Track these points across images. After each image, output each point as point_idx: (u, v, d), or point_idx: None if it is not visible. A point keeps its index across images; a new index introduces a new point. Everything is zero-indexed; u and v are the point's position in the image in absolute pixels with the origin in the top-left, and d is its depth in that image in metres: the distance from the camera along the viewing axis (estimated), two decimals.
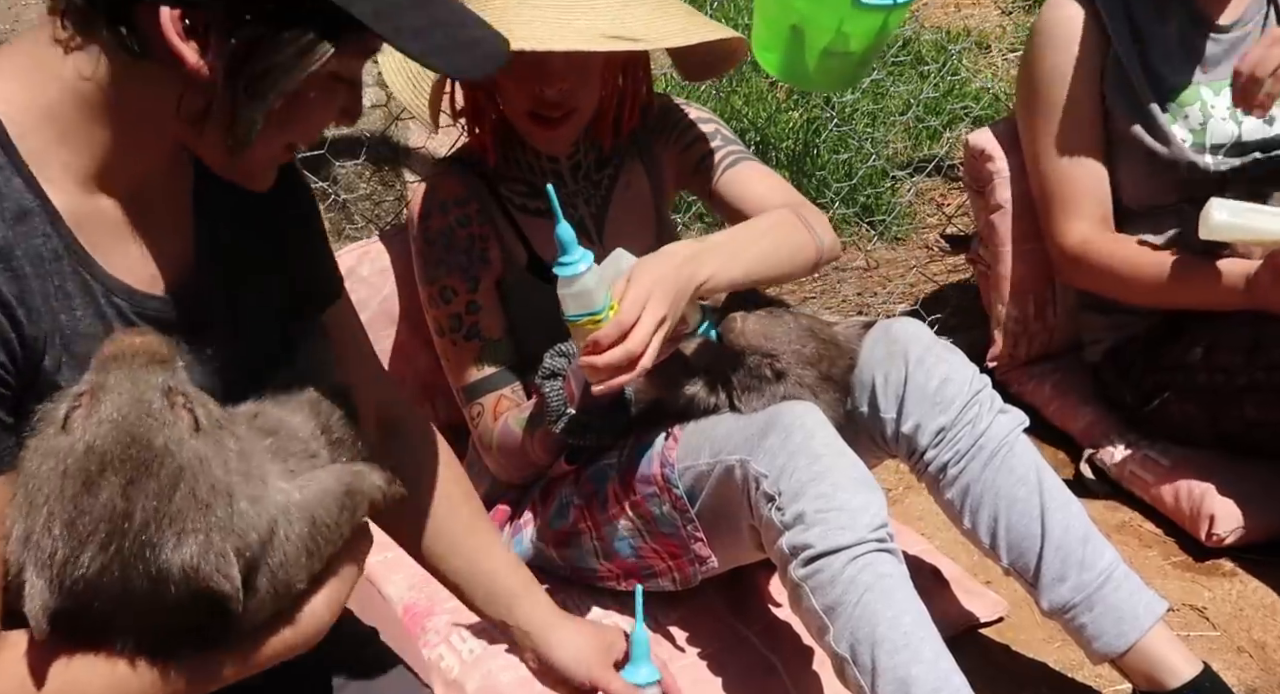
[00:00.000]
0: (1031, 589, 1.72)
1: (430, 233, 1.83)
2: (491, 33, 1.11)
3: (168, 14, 0.96)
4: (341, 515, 1.08)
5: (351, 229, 2.90)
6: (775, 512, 1.56)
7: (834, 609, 1.53)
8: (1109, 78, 2.18)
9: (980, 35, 4.15)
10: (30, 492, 0.94)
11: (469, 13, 1.11)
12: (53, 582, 0.92)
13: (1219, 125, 2.16)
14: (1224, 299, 2.04)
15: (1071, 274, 2.29)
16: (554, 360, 1.73)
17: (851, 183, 3.23)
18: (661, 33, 1.65)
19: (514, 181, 1.88)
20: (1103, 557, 1.69)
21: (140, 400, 0.95)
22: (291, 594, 1.06)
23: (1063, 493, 1.72)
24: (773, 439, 1.59)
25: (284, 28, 0.98)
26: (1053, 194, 2.25)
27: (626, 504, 1.72)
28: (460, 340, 1.83)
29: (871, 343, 1.75)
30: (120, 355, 0.97)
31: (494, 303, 1.85)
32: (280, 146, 1.10)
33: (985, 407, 1.71)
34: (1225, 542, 2.11)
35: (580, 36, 1.58)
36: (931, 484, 1.75)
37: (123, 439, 0.93)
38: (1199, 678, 1.68)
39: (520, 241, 1.87)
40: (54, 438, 0.94)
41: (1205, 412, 2.16)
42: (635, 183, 1.94)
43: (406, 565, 1.93)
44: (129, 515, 0.92)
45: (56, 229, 1.03)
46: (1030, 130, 2.29)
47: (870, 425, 1.75)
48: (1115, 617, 1.68)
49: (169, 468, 0.93)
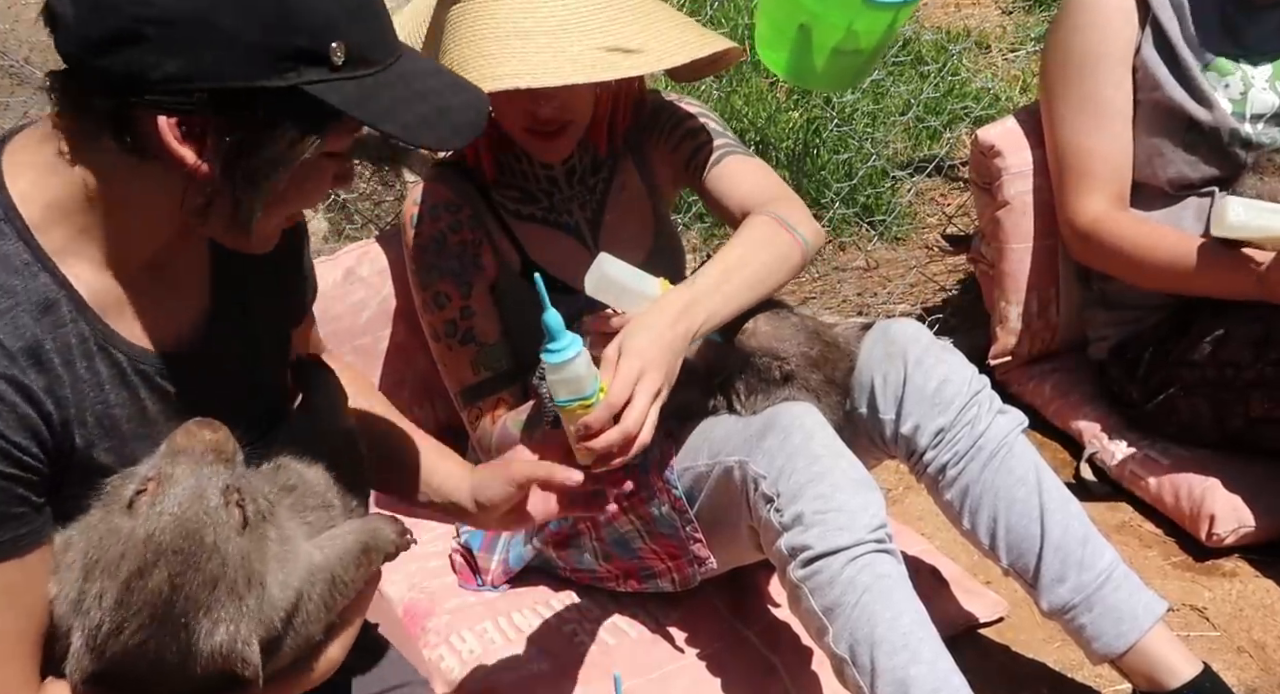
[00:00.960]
0: (1031, 590, 1.72)
1: (422, 239, 1.83)
2: (473, 94, 1.18)
3: (164, 121, 1.04)
4: (359, 572, 1.19)
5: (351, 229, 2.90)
6: (774, 513, 1.56)
7: (833, 610, 1.53)
8: (1145, 49, 2.15)
9: (980, 35, 4.15)
10: (89, 562, 1.06)
11: (448, 75, 1.19)
12: (95, 649, 1.05)
13: (1260, 95, 2.15)
14: (1236, 288, 2.03)
15: (1081, 251, 2.26)
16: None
17: (852, 183, 3.23)
18: (657, 52, 1.61)
19: (507, 187, 1.87)
20: (1102, 557, 1.69)
21: (200, 497, 1.06)
22: (310, 645, 1.17)
23: (1062, 493, 1.72)
24: (771, 440, 1.59)
25: (273, 126, 1.06)
26: (1070, 167, 2.23)
27: (626, 505, 1.72)
28: (455, 345, 1.83)
29: (870, 344, 1.74)
30: (189, 450, 1.08)
31: (488, 307, 1.84)
32: (281, 219, 1.19)
33: (984, 407, 1.71)
34: (1225, 541, 2.11)
35: (575, 65, 1.55)
36: (931, 485, 1.75)
37: (179, 533, 1.04)
38: (1199, 678, 1.68)
39: (514, 247, 1.87)
40: (119, 517, 1.06)
41: (1211, 407, 2.15)
42: (630, 184, 1.93)
43: (405, 564, 1.95)
44: (172, 602, 1.04)
45: (82, 314, 1.12)
46: (1053, 101, 2.27)
47: (869, 426, 1.75)
48: (1115, 617, 1.68)
49: (214, 563, 1.05)
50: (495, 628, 1.81)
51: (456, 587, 1.91)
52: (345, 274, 2.11)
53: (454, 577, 1.93)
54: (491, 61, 1.56)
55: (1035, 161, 2.38)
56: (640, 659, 1.77)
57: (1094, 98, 2.20)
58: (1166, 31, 2.14)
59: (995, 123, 2.49)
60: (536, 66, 1.55)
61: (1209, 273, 2.06)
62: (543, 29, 1.57)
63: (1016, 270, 2.45)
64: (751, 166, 1.85)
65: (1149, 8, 2.15)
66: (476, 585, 1.90)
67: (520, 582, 1.89)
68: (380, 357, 2.12)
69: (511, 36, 1.57)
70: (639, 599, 1.85)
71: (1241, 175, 2.14)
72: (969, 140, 2.87)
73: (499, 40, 1.57)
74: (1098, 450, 2.33)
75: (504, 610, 1.85)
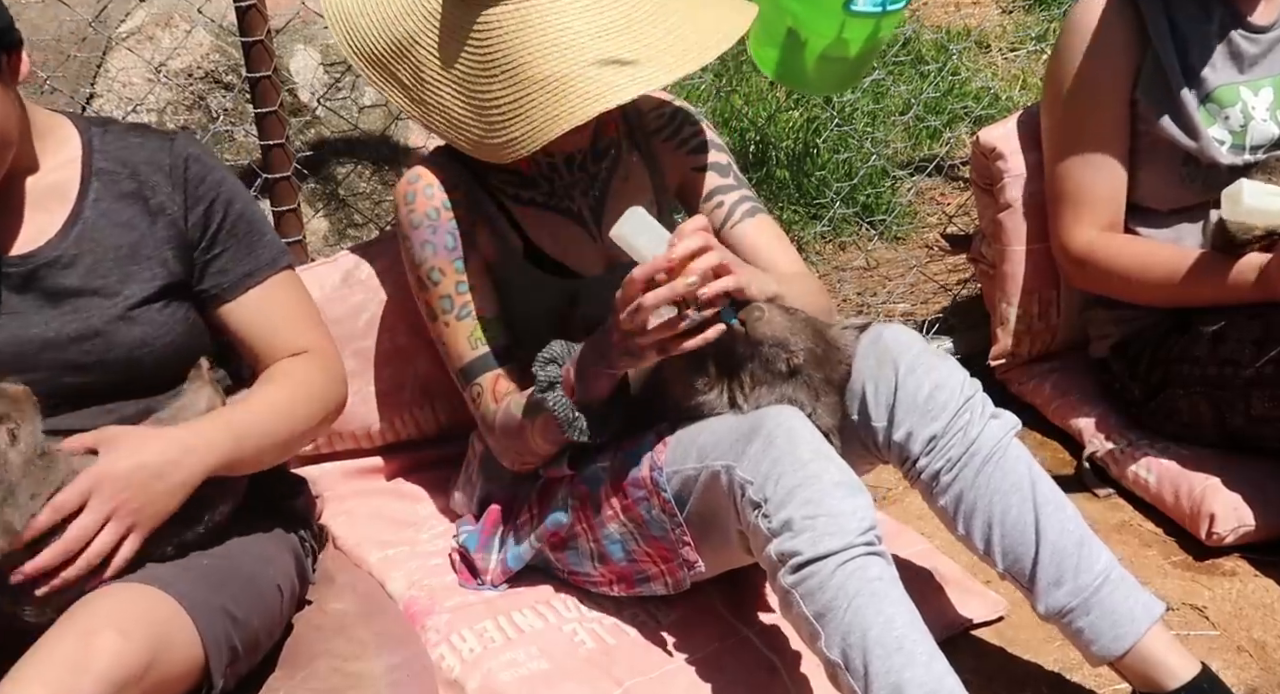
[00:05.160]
0: (1028, 594, 1.71)
1: (415, 216, 1.82)
2: None
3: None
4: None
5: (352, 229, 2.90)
6: (762, 518, 1.55)
7: (825, 615, 1.52)
8: (1143, 80, 2.16)
9: (981, 34, 4.15)
10: None
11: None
12: None
13: (1261, 127, 2.16)
14: (1235, 294, 2.04)
15: (1078, 277, 2.29)
16: (546, 370, 1.69)
17: (852, 182, 3.23)
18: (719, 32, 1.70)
19: (504, 172, 1.86)
20: (1099, 560, 1.68)
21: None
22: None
23: (1057, 496, 1.71)
24: (756, 445, 1.57)
25: None
26: (1066, 196, 2.24)
27: (619, 507, 1.72)
28: (452, 321, 1.82)
29: (862, 352, 1.74)
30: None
31: (485, 285, 1.83)
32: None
33: (977, 413, 1.70)
34: (1225, 540, 2.11)
35: (634, 82, 1.62)
36: (924, 491, 1.75)
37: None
38: (1197, 679, 1.67)
39: (514, 230, 1.87)
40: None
41: (1212, 406, 2.15)
42: (635, 175, 1.93)
43: (406, 562, 1.95)
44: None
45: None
46: (1053, 130, 2.28)
47: (862, 433, 1.74)
48: (1112, 620, 1.67)
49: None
50: (495, 627, 1.81)
51: (457, 585, 1.91)
52: (344, 277, 2.11)
53: (454, 575, 1.93)
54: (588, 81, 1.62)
55: (1037, 164, 2.38)
56: (640, 659, 1.78)
57: (1089, 131, 2.21)
58: (1165, 67, 2.14)
59: (997, 124, 2.49)
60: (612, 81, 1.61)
61: (1207, 281, 2.07)
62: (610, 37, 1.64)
63: (1017, 272, 2.45)
64: (782, 235, 1.98)
65: (1148, 41, 2.14)
66: (476, 585, 1.90)
67: (521, 581, 1.89)
68: (381, 359, 2.13)
69: (576, 78, 1.62)
70: (639, 599, 1.85)
71: (1250, 175, 2.14)
72: (969, 140, 2.87)
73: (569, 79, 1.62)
74: (1098, 449, 2.33)
75: (504, 609, 1.85)
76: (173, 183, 1.67)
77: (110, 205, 1.65)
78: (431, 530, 2.05)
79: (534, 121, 1.63)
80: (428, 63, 1.72)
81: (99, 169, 1.65)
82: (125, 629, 1.38)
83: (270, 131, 2.23)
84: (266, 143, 2.25)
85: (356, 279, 2.11)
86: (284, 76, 2.70)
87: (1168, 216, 2.21)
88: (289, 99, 2.75)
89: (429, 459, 2.18)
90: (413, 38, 1.74)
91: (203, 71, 2.78)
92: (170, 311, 1.67)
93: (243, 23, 2.18)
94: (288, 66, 2.78)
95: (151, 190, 1.66)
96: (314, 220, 2.76)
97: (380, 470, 2.17)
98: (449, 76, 1.70)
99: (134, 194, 1.66)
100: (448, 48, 1.70)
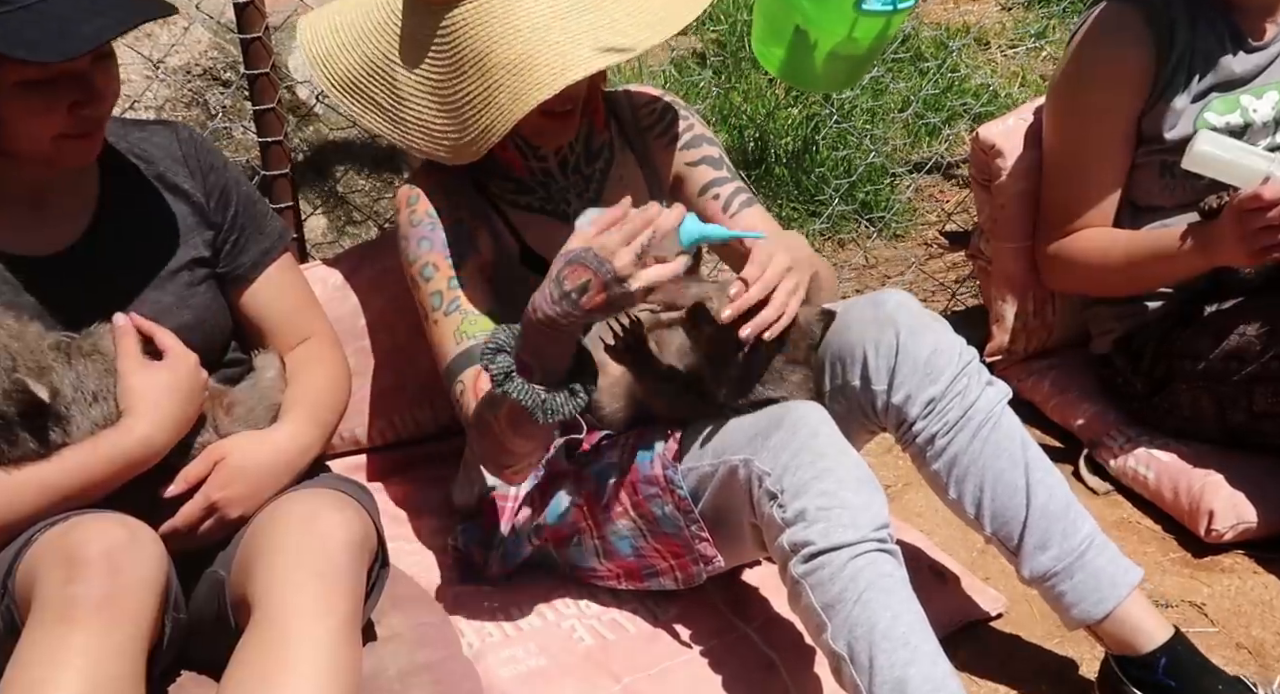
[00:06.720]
0: (1013, 558, 1.75)
1: (416, 216, 1.83)
2: (110, 18, 1.45)
3: None
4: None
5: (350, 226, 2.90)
6: (777, 509, 1.56)
7: (833, 607, 1.53)
8: (1151, 113, 2.15)
9: (980, 32, 4.15)
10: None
11: (86, 2, 1.44)
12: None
13: (1261, 127, 2.16)
14: (1185, 264, 2.08)
15: (1051, 278, 2.34)
16: (496, 362, 1.55)
17: (851, 180, 3.23)
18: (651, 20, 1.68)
19: (502, 178, 1.88)
20: (1083, 525, 1.73)
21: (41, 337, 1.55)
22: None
23: (1045, 462, 1.75)
24: (777, 437, 1.59)
25: None
26: (1059, 216, 2.27)
27: (629, 504, 1.72)
28: (441, 317, 1.79)
29: (861, 315, 1.75)
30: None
31: (478, 283, 1.82)
32: (34, 139, 1.50)
33: (974, 378, 1.73)
34: (1224, 538, 2.11)
35: (599, 55, 1.62)
36: (917, 455, 1.76)
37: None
38: (1171, 641, 1.72)
39: (512, 234, 1.87)
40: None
41: (1214, 401, 2.16)
42: (629, 176, 1.94)
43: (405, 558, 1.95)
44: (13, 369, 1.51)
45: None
46: (1048, 148, 2.30)
47: (861, 398, 1.75)
48: (1095, 583, 1.71)
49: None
50: (494, 623, 1.82)
51: (456, 582, 1.91)
52: (345, 277, 2.11)
53: (453, 572, 1.93)
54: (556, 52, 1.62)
55: (1036, 161, 2.38)
56: (639, 655, 1.78)
57: (1085, 166, 2.22)
58: (1173, 104, 2.13)
59: (996, 121, 2.49)
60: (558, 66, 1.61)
61: (1162, 255, 2.10)
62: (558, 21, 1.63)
63: (1014, 269, 2.46)
64: (770, 219, 1.96)
65: (1161, 75, 2.13)
66: (475, 581, 1.90)
67: (520, 578, 1.89)
68: (381, 359, 2.13)
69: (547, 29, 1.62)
70: (638, 595, 1.85)
71: None
72: (968, 137, 2.87)
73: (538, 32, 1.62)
74: (1097, 446, 2.33)
75: (503, 606, 1.85)
76: (189, 169, 1.71)
77: (134, 196, 1.68)
78: (431, 527, 2.05)
79: (502, 105, 1.63)
80: (401, 76, 1.73)
81: (116, 164, 1.68)
82: (338, 505, 1.53)
83: (268, 129, 2.23)
84: (265, 140, 2.25)
85: (357, 279, 2.11)
86: (282, 73, 2.70)
87: (1172, 211, 2.21)
88: (287, 96, 2.75)
89: (429, 455, 2.18)
90: (385, 55, 1.75)
91: (201, 68, 2.78)
92: (211, 296, 1.72)
93: (241, 20, 2.18)
94: (286, 64, 2.78)
95: (172, 178, 1.70)
96: (312, 217, 2.76)
97: (380, 467, 2.18)
98: (423, 85, 1.71)
99: (155, 183, 1.70)
100: (418, 56, 1.71)
